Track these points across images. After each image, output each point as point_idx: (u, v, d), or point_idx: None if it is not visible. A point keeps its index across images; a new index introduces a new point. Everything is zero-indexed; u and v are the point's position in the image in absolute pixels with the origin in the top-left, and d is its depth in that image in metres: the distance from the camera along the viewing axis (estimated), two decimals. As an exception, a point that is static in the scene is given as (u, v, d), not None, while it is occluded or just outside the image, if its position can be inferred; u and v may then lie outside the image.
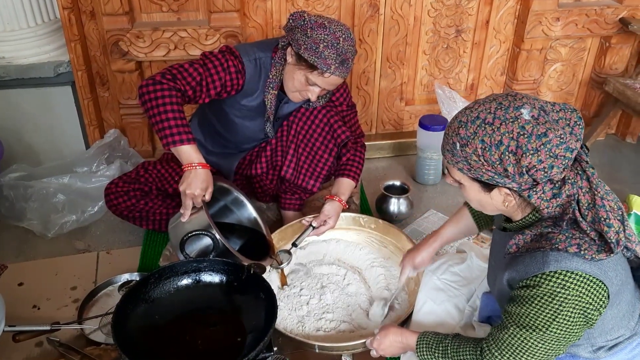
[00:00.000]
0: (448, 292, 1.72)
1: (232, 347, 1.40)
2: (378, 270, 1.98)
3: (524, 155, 1.13)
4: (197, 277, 1.55)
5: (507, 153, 1.14)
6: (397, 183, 2.36)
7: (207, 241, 1.62)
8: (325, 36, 1.74)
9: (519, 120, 1.13)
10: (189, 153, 1.70)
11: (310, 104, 1.99)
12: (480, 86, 2.83)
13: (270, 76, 1.90)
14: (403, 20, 2.57)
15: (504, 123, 1.14)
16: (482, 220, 1.67)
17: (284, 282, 1.91)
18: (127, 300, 1.42)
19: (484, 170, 1.19)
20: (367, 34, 2.56)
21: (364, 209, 2.39)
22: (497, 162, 1.16)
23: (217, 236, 1.64)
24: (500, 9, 2.61)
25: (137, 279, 1.89)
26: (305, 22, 1.77)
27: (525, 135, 1.12)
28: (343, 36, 1.77)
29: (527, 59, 2.68)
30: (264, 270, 1.54)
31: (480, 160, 1.18)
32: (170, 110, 1.68)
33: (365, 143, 2.49)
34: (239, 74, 1.86)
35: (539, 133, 1.12)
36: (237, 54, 1.87)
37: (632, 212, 2.12)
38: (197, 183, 1.69)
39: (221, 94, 1.86)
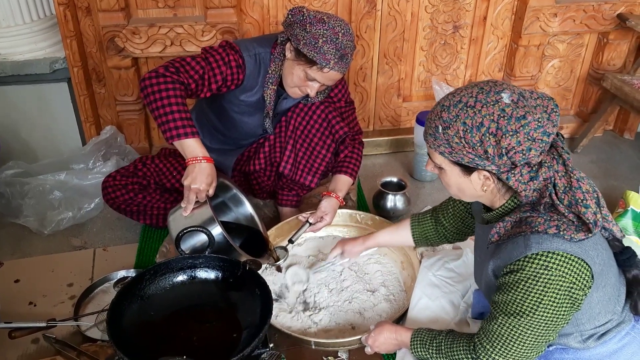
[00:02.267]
0: (443, 288, 1.72)
1: (227, 343, 1.40)
2: (374, 266, 1.98)
3: (503, 136, 1.17)
4: (193, 274, 1.55)
5: (487, 135, 1.18)
6: (394, 179, 2.35)
7: (204, 237, 1.62)
8: (325, 31, 1.74)
9: (500, 104, 1.18)
10: (193, 147, 1.67)
11: (309, 99, 1.99)
12: (477, 82, 2.82)
13: (270, 71, 1.90)
14: (400, 16, 2.56)
15: (485, 106, 1.18)
16: (419, 237, 1.73)
17: (279, 270, 1.92)
18: (122, 297, 1.42)
19: (464, 152, 1.23)
20: (364, 30, 2.55)
21: (361, 206, 2.39)
22: (478, 144, 1.20)
23: (221, 231, 1.63)
24: (498, 4, 2.61)
25: (133, 275, 1.88)
26: (304, 18, 1.77)
27: (505, 118, 1.17)
28: (342, 31, 1.77)
29: (525, 55, 2.68)
30: (259, 266, 1.54)
31: (461, 142, 1.21)
32: (175, 103, 1.66)
33: (363, 140, 2.49)
34: (240, 68, 1.86)
35: (519, 116, 1.16)
36: (238, 49, 1.86)
37: (629, 208, 2.12)
38: (202, 178, 1.67)
39: (221, 88, 1.86)
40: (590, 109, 2.91)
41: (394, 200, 2.28)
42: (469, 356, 1.34)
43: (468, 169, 1.27)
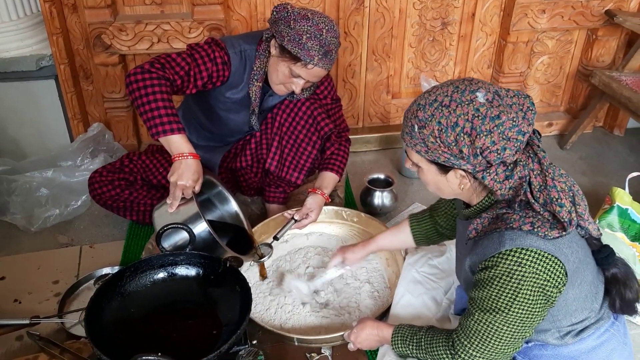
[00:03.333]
0: (426, 284, 1.73)
1: (207, 340, 1.40)
2: (360, 263, 1.97)
3: (478, 136, 1.17)
4: (174, 271, 1.55)
5: (462, 134, 1.18)
6: (382, 176, 2.35)
7: (186, 235, 1.62)
8: (309, 28, 1.74)
9: (474, 103, 1.18)
10: (179, 143, 1.66)
11: (295, 96, 1.99)
12: (467, 79, 2.82)
13: (255, 68, 1.90)
14: (388, 13, 2.56)
15: (459, 105, 1.18)
16: (421, 237, 1.73)
17: (264, 275, 1.91)
18: (101, 294, 1.42)
19: (440, 151, 1.23)
20: (352, 27, 2.55)
21: (348, 203, 2.39)
22: (453, 144, 1.20)
23: (207, 228, 1.63)
24: (486, 1, 2.60)
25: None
26: (289, 14, 1.76)
27: (480, 117, 1.17)
28: (326, 28, 1.76)
29: (514, 52, 2.68)
30: (241, 263, 1.54)
31: (437, 142, 1.22)
32: (160, 99, 1.65)
33: (352, 136, 2.49)
34: (225, 65, 1.86)
35: (493, 115, 1.17)
36: (223, 46, 1.86)
37: (614, 205, 2.12)
38: (188, 174, 1.66)
39: (207, 84, 1.85)
40: (580, 106, 2.91)
41: (381, 197, 2.28)
42: (448, 352, 1.34)
43: (444, 168, 1.27)
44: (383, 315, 1.73)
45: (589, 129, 2.94)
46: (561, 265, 1.22)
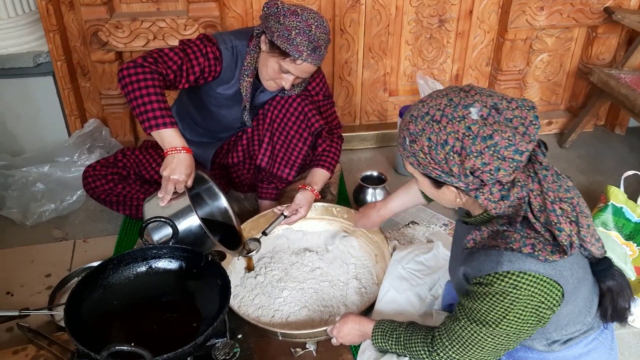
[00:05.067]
0: (411, 281, 1.72)
1: (187, 333, 1.40)
2: (350, 259, 1.97)
3: (467, 157, 1.11)
4: (157, 264, 1.55)
5: (451, 153, 1.12)
6: (375, 173, 2.35)
7: (169, 229, 1.63)
8: (298, 23, 1.74)
9: (466, 120, 1.11)
10: (172, 137, 1.66)
11: (286, 92, 1.99)
12: (465, 77, 2.81)
13: (245, 64, 1.91)
14: (385, 10, 2.55)
15: (450, 122, 1.12)
16: None
17: (250, 267, 1.92)
18: (83, 286, 1.43)
19: (431, 167, 1.18)
20: (348, 24, 2.55)
21: (342, 200, 2.39)
22: (443, 162, 1.14)
23: (199, 223, 1.63)
24: (484, -2, 2.59)
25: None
26: (279, 10, 1.77)
27: (470, 137, 1.10)
28: (315, 24, 1.77)
29: (512, 49, 2.66)
30: (223, 257, 1.55)
31: (427, 158, 1.17)
32: (153, 93, 1.65)
33: (349, 134, 2.50)
34: (217, 60, 1.87)
35: (485, 135, 1.09)
36: (215, 42, 1.87)
37: (609, 203, 2.10)
38: (181, 168, 1.66)
39: (199, 80, 1.86)
40: (580, 104, 2.88)
41: (374, 194, 2.27)
42: (426, 348, 1.33)
43: (437, 183, 1.23)
44: (368, 311, 1.72)
45: (589, 127, 2.91)
46: (559, 288, 1.17)
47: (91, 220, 2.29)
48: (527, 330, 1.20)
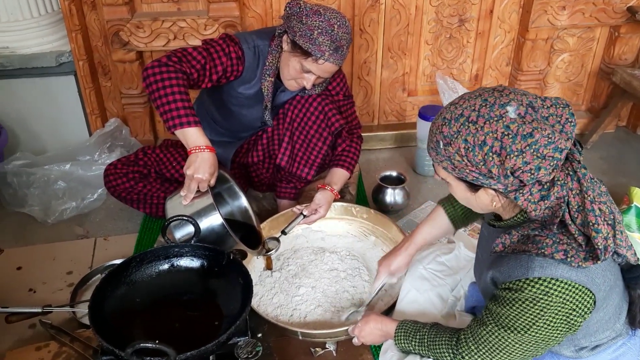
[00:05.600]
0: (432, 281, 1.71)
1: (209, 331, 1.41)
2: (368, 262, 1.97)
3: (508, 156, 1.08)
4: (179, 262, 1.56)
5: (490, 154, 1.09)
6: (394, 173, 2.34)
7: (191, 228, 1.63)
8: (320, 23, 1.74)
9: (504, 119, 1.08)
10: (196, 136, 1.67)
11: (306, 92, 1.99)
12: (485, 77, 2.79)
13: (267, 64, 1.91)
14: (404, 10, 2.54)
15: (487, 122, 1.09)
16: (458, 220, 1.61)
17: (269, 267, 1.92)
18: (107, 283, 1.44)
19: (468, 170, 1.14)
20: (367, 24, 2.54)
21: (361, 200, 2.38)
22: (481, 163, 1.11)
23: (222, 221, 1.64)
24: (505, -3, 2.57)
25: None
26: (301, 10, 1.78)
27: (510, 136, 1.07)
28: (338, 23, 1.77)
29: (532, 49, 2.63)
30: (245, 256, 1.55)
31: (463, 161, 1.13)
32: (178, 92, 1.66)
33: (367, 134, 2.49)
34: (239, 60, 1.88)
35: (525, 133, 1.06)
36: (237, 41, 1.88)
37: (632, 205, 2.07)
38: (205, 167, 1.67)
39: (221, 79, 1.87)
40: (602, 105, 2.85)
41: (393, 195, 2.26)
42: (450, 350, 1.32)
43: (474, 186, 1.19)
44: (389, 311, 1.71)
45: (610, 128, 2.87)
46: (591, 295, 1.15)
47: (111, 218, 2.31)
48: (556, 337, 1.18)
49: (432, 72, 2.74)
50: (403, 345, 1.45)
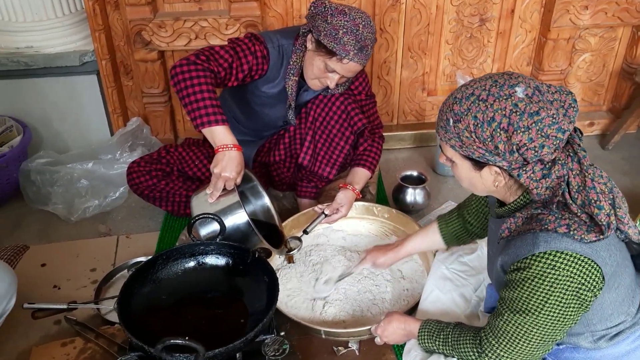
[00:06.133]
0: (455, 281, 1.70)
1: (235, 329, 1.42)
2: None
3: (515, 132, 1.13)
4: (204, 260, 1.58)
5: (498, 130, 1.15)
6: (415, 173, 2.34)
7: (216, 225, 1.64)
8: (345, 22, 1.75)
9: (513, 98, 1.14)
10: (223, 134, 1.68)
11: (329, 91, 2.00)
12: (505, 77, 2.77)
13: (291, 63, 1.92)
14: (425, 9, 2.54)
15: (497, 100, 1.15)
16: (450, 238, 1.71)
17: (291, 260, 1.94)
18: (134, 280, 1.45)
19: (475, 147, 1.20)
20: (388, 23, 2.54)
21: (380, 199, 2.38)
22: (489, 139, 1.17)
23: (247, 219, 1.65)
24: (526, -3, 2.56)
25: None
26: (326, 9, 1.78)
27: (518, 113, 1.13)
28: (363, 23, 1.77)
29: (554, 49, 2.61)
30: (269, 254, 1.56)
31: (472, 137, 1.18)
32: (206, 90, 1.68)
33: (387, 134, 2.47)
34: (264, 59, 1.89)
35: (532, 111, 1.13)
36: (262, 40, 1.90)
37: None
38: (232, 166, 1.68)
39: (246, 78, 1.88)
40: (624, 105, 2.82)
41: (413, 195, 2.26)
42: (475, 350, 1.32)
43: (479, 164, 1.24)
44: (411, 311, 1.71)
45: (632, 128, 2.84)
46: (597, 268, 1.17)
47: (133, 216, 2.33)
48: (570, 315, 1.20)
49: (452, 72, 2.73)
50: (427, 344, 1.45)
